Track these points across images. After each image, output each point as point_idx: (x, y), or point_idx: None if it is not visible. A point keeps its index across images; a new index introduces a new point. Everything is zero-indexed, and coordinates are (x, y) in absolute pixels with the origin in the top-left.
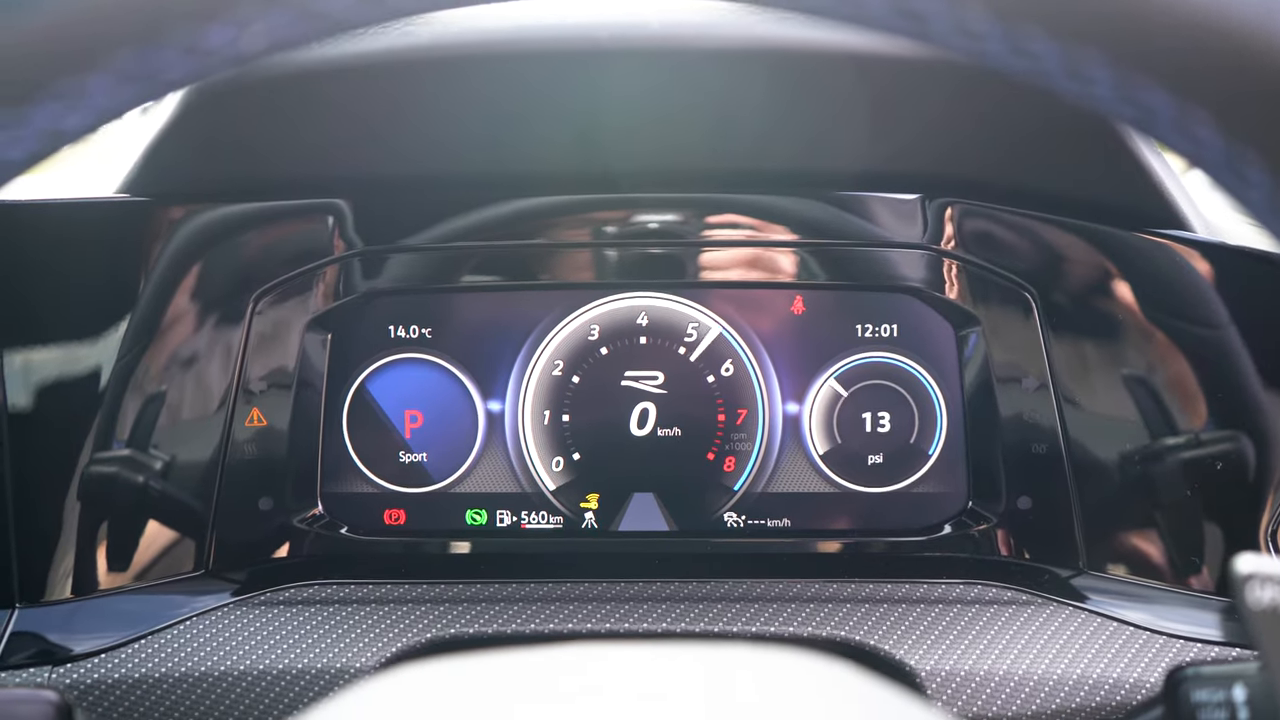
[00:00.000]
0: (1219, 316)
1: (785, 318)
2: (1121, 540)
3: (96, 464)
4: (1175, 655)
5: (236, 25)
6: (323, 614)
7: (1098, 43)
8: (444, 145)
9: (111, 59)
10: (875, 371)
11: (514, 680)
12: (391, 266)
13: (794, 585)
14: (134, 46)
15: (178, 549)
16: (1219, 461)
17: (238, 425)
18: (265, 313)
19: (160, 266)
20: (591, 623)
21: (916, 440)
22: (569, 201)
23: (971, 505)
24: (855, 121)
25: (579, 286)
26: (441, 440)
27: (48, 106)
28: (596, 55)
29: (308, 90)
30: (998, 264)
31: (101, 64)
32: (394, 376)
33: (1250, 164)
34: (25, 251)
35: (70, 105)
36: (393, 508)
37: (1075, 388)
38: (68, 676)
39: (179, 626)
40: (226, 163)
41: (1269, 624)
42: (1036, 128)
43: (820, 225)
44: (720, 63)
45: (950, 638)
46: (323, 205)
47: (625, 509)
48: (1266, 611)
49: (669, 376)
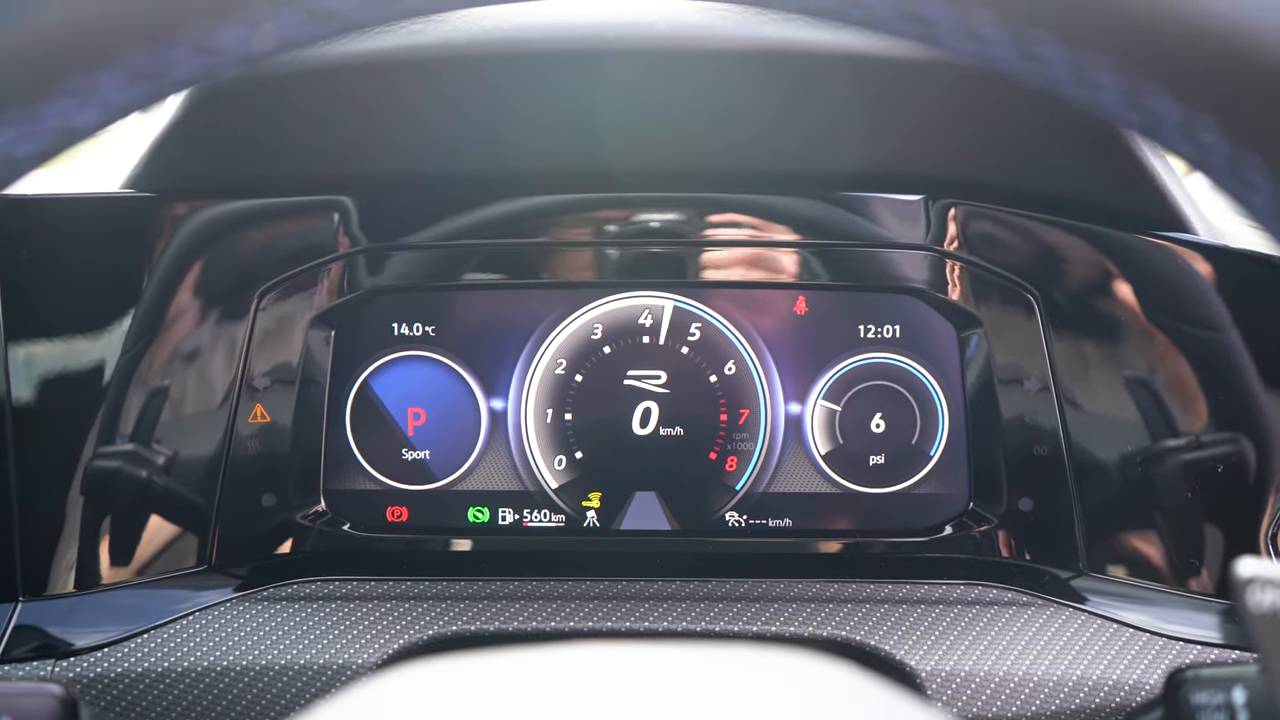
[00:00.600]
0: (1220, 319)
1: (787, 318)
2: (1122, 542)
3: (100, 458)
4: (1175, 657)
5: (248, 25)
6: (325, 610)
7: (1104, 48)
8: (448, 143)
9: (123, 57)
10: (877, 372)
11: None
12: (395, 264)
13: (795, 585)
14: (145, 45)
15: (180, 544)
16: (1220, 464)
17: (241, 421)
18: (269, 309)
19: (165, 262)
20: (593, 621)
21: (918, 441)
22: (572, 200)
23: (972, 506)
24: (858, 122)
25: (582, 285)
26: (444, 438)
27: (59, 103)
28: (599, 55)
29: (313, 87)
30: (1000, 265)
31: (113, 62)
32: (397, 374)
33: (1255, 169)
34: (31, 245)
35: (81, 102)
36: (395, 505)
37: (1077, 389)
38: (70, 670)
39: (181, 621)
40: (231, 159)
41: (1269, 627)
42: (1039, 129)
43: (823, 225)
44: (723, 63)
45: (951, 638)
46: (327, 202)
47: (627, 508)
48: (1267, 615)
49: (671, 376)
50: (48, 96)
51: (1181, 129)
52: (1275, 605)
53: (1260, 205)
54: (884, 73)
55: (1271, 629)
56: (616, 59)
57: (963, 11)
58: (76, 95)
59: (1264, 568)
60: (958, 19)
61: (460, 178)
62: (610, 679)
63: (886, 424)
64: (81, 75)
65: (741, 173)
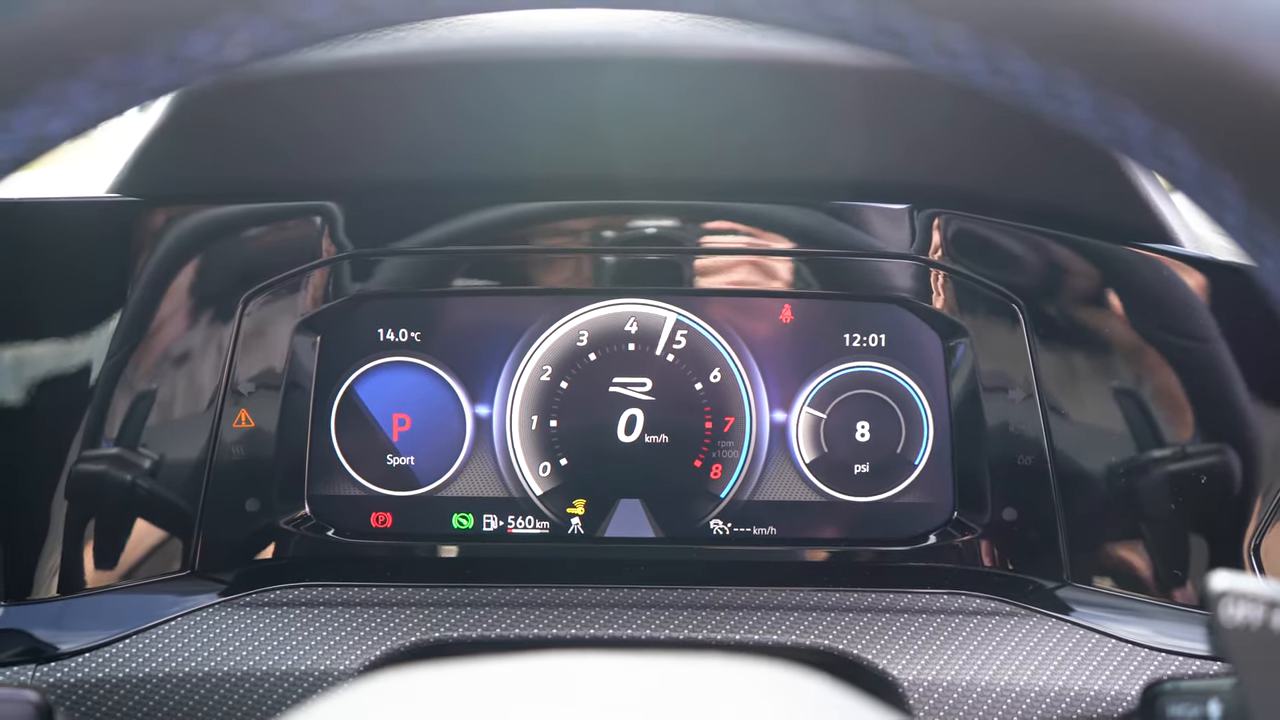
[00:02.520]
0: (1205, 330)
1: (773, 326)
2: (1106, 552)
3: (84, 462)
4: (1158, 668)
5: (219, 34)
6: (308, 616)
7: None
8: (433, 149)
9: (93, 66)
10: (863, 381)
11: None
12: (381, 270)
13: (778, 593)
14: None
15: (164, 549)
16: (1204, 474)
17: (225, 426)
18: (254, 314)
19: (150, 267)
20: (576, 628)
21: (903, 450)
22: (557, 207)
23: (957, 516)
24: (845, 131)
25: (568, 292)
26: (429, 444)
27: (30, 111)
28: (586, 63)
29: (298, 93)
30: (986, 275)
31: (83, 70)
32: (382, 379)
33: (1225, 187)
34: (15, 250)
35: (53, 110)
36: (379, 510)
37: (1062, 399)
38: (51, 675)
39: (164, 626)
40: (217, 164)
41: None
42: (1026, 140)
43: (809, 234)
44: (709, 72)
45: (934, 648)
46: (313, 207)
47: (612, 515)
48: (1239, 629)
49: (657, 383)
50: (18, 104)
51: (1153, 146)
52: (1248, 619)
53: (1233, 222)
54: (871, 83)
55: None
56: (603, 66)
57: (934, 27)
58: (48, 103)
59: (1237, 581)
60: (929, 34)
61: (446, 184)
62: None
63: (871, 433)
64: (52, 83)
65: (727, 181)
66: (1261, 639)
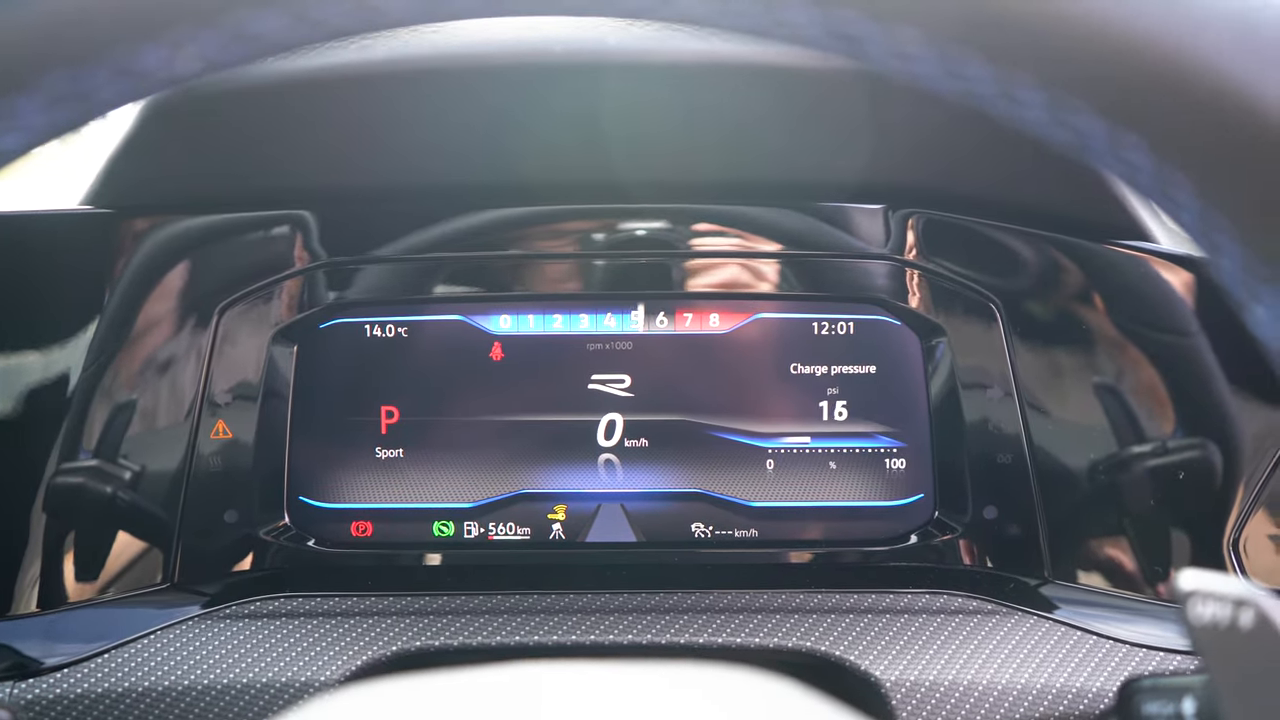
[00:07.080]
0: (1184, 324)
1: (751, 328)
2: (1087, 549)
3: (63, 475)
4: (1138, 664)
5: (170, 47)
6: (289, 627)
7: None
8: (406, 157)
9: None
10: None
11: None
12: (357, 278)
13: (760, 596)
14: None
15: (143, 561)
16: (1183, 470)
17: (203, 438)
18: (230, 324)
19: (125, 278)
20: (558, 635)
21: (884, 450)
22: (533, 213)
23: (938, 515)
24: (819, 132)
25: (544, 298)
26: None
27: None
28: (561, 68)
29: (271, 102)
30: (962, 274)
31: (30, 85)
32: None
33: (1179, 188)
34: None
35: (3, 126)
36: (360, 520)
37: (1040, 397)
38: (30, 692)
39: (144, 640)
40: (190, 175)
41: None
42: (1000, 138)
43: (785, 235)
44: (681, 75)
45: (915, 648)
46: (287, 217)
47: (593, 521)
48: (1208, 627)
49: (636, 386)
50: None
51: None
52: (1216, 618)
53: (1189, 222)
54: (844, 83)
55: (1213, 641)
56: (576, 72)
57: (888, 32)
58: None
59: (1205, 580)
60: (884, 39)
61: (420, 191)
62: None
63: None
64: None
65: (703, 184)
66: (1230, 637)
